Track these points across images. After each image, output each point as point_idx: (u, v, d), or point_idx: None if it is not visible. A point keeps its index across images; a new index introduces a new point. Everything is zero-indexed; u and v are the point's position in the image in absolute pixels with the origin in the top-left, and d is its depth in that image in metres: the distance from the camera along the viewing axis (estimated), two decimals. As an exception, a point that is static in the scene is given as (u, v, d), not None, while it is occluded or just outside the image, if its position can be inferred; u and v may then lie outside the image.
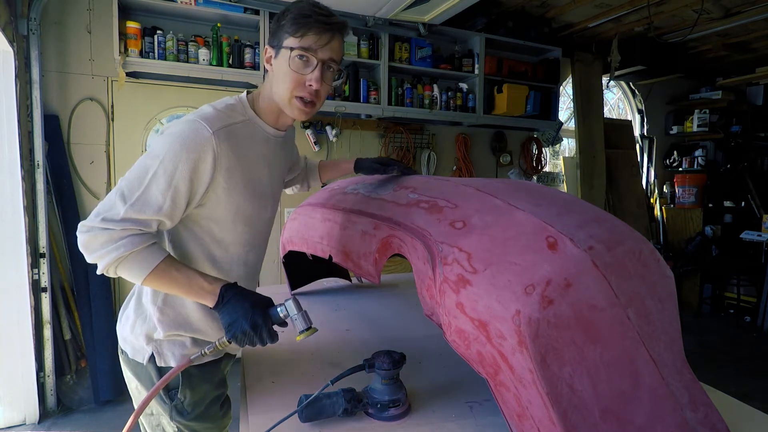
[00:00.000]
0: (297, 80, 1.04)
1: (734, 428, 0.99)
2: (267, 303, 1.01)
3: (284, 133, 1.21)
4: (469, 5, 3.24)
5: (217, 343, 1.02)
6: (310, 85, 1.04)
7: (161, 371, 1.10)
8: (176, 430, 1.16)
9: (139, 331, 1.11)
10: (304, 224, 1.69)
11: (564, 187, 5.11)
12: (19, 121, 2.62)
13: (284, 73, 1.04)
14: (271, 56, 1.08)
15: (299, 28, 1.01)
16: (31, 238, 2.75)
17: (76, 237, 0.95)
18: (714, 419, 0.95)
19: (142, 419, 1.21)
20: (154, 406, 1.16)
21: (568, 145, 5.82)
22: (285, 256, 1.95)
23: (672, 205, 5.69)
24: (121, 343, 1.17)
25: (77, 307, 3.00)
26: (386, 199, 1.30)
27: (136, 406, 1.17)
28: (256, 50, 3.30)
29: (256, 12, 3.25)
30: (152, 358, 1.10)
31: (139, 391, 1.16)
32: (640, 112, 5.75)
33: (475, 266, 0.95)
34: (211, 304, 1.00)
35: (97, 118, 3.14)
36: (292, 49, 1.01)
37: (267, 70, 1.11)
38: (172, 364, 1.10)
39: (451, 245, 1.01)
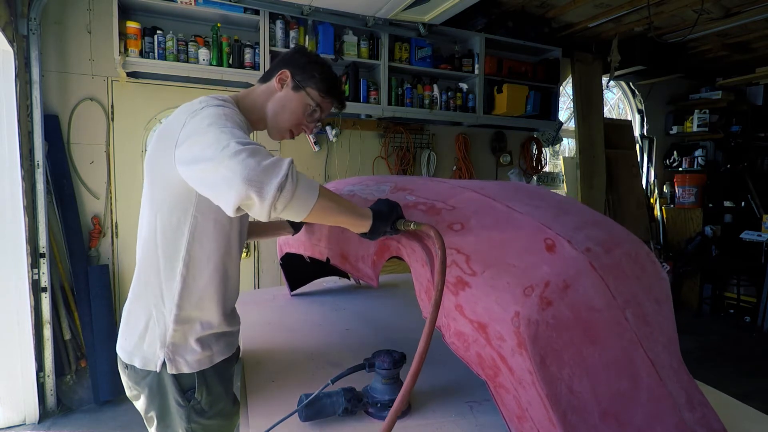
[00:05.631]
0: (300, 121, 1.20)
1: (734, 428, 0.99)
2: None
3: None
4: (469, 5, 3.24)
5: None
6: (304, 130, 1.23)
7: (174, 378, 1.09)
8: None
9: (152, 337, 1.09)
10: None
11: (564, 187, 5.11)
12: (19, 121, 2.62)
13: (293, 110, 1.18)
14: (287, 83, 1.18)
15: (329, 94, 1.19)
16: (31, 238, 2.75)
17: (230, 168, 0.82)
18: (711, 419, 0.95)
19: None
20: (171, 416, 1.14)
21: (568, 145, 5.82)
22: (282, 258, 1.95)
23: (672, 205, 5.69)
24: (125, 358, 1.12)
25: (77, 307, 3.00)
26: (386, 200, 1.30)
27: (146, 420, 1.17)
28: (256, 50, 3.30)
29: (256, 12, 3.25)
30: (164, 365, 1.08)
31: (149, 402, 1.13)
32: (640, 112, 5.75)
33: (473, 268, 0.95)
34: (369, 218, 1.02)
35: (97, 118, 3.14)
36: (313, 100, 1.18)
37: (272, 85, 1.19)
38: (185, 370, 1.10)
39: (449, 247, 1.01)
